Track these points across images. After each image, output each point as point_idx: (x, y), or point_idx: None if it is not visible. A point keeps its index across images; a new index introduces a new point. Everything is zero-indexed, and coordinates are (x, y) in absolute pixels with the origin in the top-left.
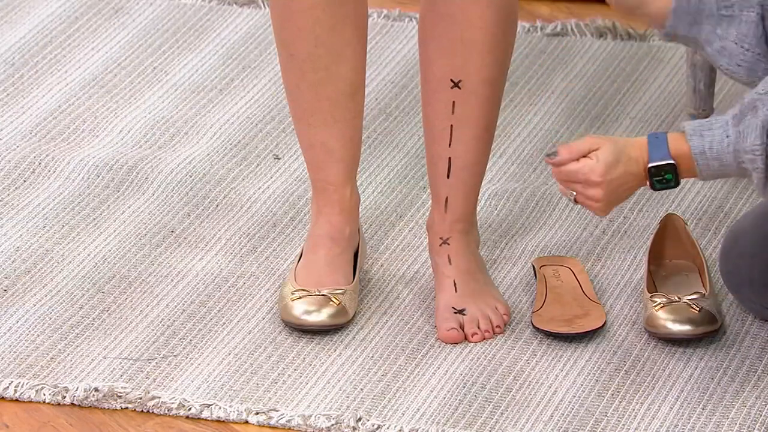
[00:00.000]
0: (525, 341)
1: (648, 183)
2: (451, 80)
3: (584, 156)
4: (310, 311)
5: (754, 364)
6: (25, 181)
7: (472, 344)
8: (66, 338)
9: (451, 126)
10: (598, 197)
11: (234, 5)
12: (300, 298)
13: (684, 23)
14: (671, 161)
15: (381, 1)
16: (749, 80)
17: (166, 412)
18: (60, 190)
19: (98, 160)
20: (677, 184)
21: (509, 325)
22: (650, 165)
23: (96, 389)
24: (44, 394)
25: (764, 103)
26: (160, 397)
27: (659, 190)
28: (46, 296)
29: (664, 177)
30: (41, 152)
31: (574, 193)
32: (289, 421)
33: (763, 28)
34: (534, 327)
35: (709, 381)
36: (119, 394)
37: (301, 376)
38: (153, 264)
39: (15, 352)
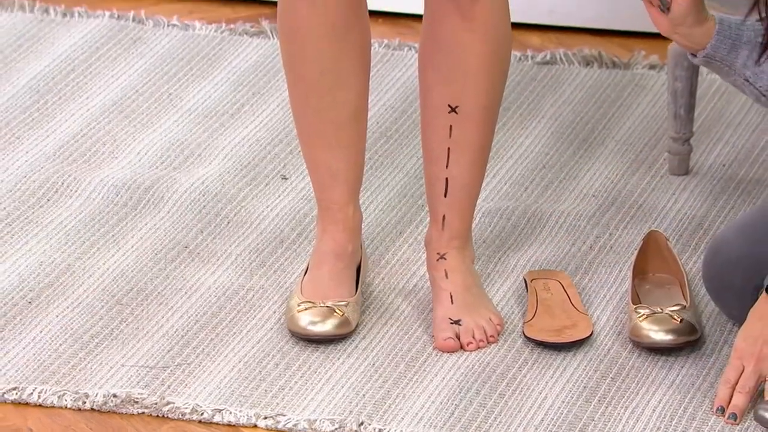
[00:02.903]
0: (517, 350)
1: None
2: (449, 106)
3: None
4: (315, 322)
5: None
6: (48, 200)
7: (468, 353)
8: (86, 347)
9: (449, 148)
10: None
11: (244, 36)
12: (306, 309)
13: (724, 46)
14: None
15: (382, 31)
16: None
17: (180, 416)
18: (81, 209)
19: (117, 180)
20: None
21: (502, 335)
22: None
23: (114, 395)
24: (66, 400)
25: None
26: (174, 403)
27: None
28: (68, 308)
29: None
30: (64, 173)
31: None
32: (295, 425)
33: None
34: (525, 337)
35: (690, 387)
36: (136, 400)
37: (306, 383)
38: (168, 278)
39: (39, 360)
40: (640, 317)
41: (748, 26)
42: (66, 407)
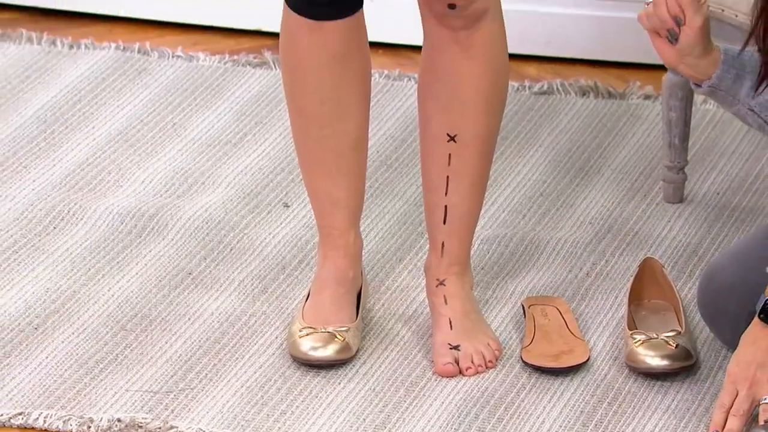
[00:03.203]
0: (515, 375)
1: None
2: (448, 135)
3: None
4: (316, 347)
5: None
6: (54, 227)
7: (467, 378)
8: (91, 372)
9: (448, 177)
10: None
11: (247, 66)
12: (307, 335)
13: (729, 76)
14: None
15: (383, 62)
16: None
17: None
18: (87, 236)
19: (122, 208)
20: None
21: (501, 360)
22: None
23: (119, 420)
24: (71, 425)
25: None
26: (178, 427)
27: None
28: (73, 333)
29: None
30: (70, 201)
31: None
32: None
33: None
34: (523, 362)
35: (685, 411)
36: (140, 425)
37: (308, 408)
38: (172, 304)
39: (44, 386)
40: (636, 343)
41: (753, 56)
42: None
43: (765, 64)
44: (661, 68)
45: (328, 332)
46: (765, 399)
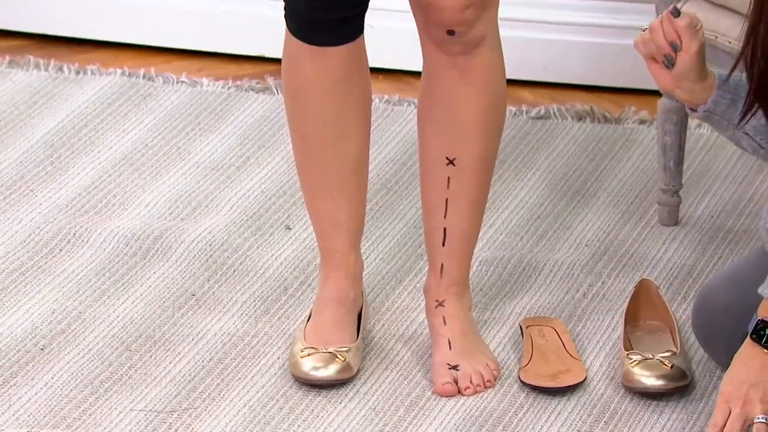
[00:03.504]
0: (513, 395)
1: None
2: (447, 158)
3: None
4: (318, 367)
5: None
6: (61, 250)
7: (466, 397)
8: (96, 392)
9: (447, 199)
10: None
11: (250, 92)
12: (309, 355)
13: (724, 101)
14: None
15: (383, 87)
16: None
17: None
18: (92, 258)
19: (127, 230)
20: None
21: (499, 380)
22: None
23: None
24: None
25: None
26: None
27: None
28: (78, 354)
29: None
30: (76, 224)
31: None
32: None
33: None
34: (521, 382)
35: (680, 431)
36: None
37: (309, 427)
38: (176, 325)
39: (50, 405)
40: (632, 363)
41: (747, 81)
42: None
43: (752, 90)
44: (656, 93)
45: (329, 352)
46: (759, 418)
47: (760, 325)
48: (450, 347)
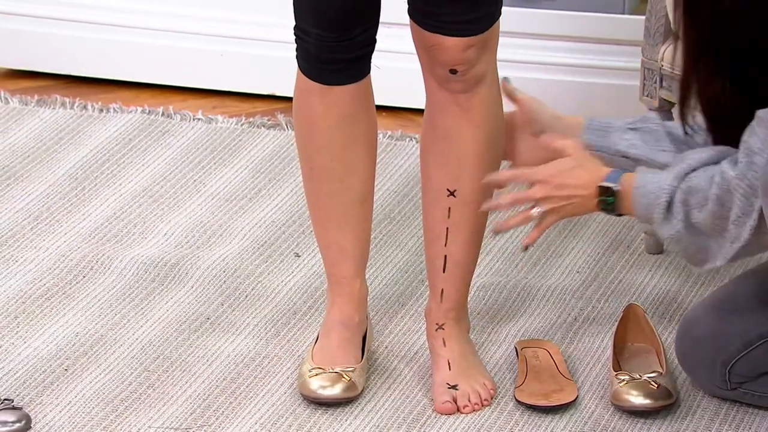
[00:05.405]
0: (509, 413)
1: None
2: (448, 190)
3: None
4: (325, 386)
5: None
6: (84, 276)
7: (464, 415)
8: (116, 410)
9: (447, 228)
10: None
11: (262, 128)
12: (316, 375)
13: (595, 137)
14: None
15: (386, 123)
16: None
17: None
18: (113, 284)
19: (146, 258)
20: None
21: (495, 399)
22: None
23: None
24: None
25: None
26: None
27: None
28: (100, 374)
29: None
30: (98, 252)
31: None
32: None
33: (666, 132)
34: (516, 400)
35: None
36: None
37: None
38: (191, 347)
39: (73, 423)
40: (621, 383)
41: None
42: None
43: (710, 130)
44: None
45: (336, 372)
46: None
47: (610, 192)
48: (449, 368)
